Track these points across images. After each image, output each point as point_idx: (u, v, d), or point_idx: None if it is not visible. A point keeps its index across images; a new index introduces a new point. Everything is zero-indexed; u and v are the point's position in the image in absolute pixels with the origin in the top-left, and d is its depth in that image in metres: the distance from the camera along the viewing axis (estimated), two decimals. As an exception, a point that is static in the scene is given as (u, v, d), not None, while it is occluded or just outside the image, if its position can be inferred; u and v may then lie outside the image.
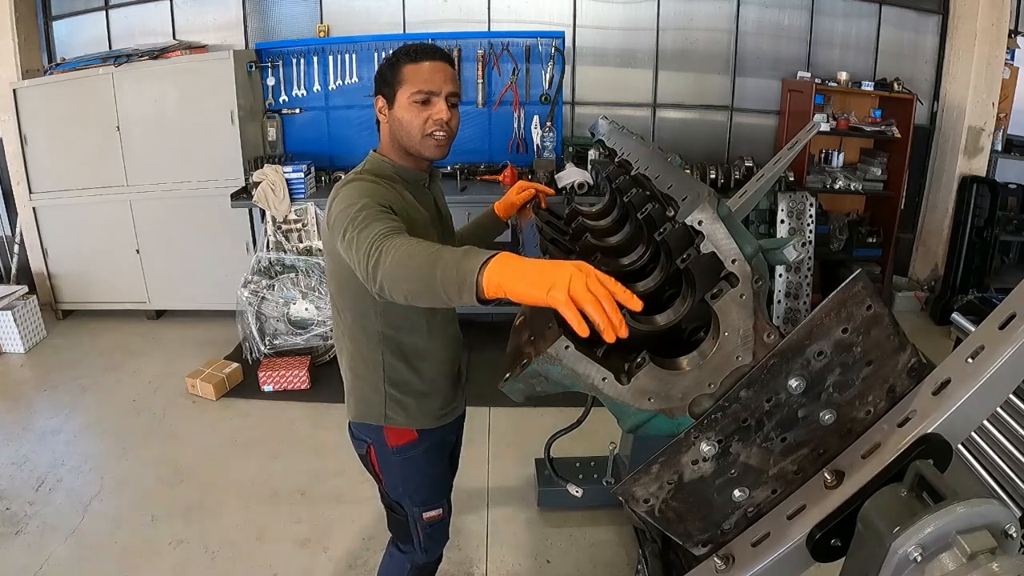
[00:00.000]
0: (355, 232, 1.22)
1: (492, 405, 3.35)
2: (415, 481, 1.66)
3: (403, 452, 1.62)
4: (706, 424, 0.98)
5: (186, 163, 4.19)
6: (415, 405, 1.60)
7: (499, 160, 4.54)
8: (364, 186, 1.39)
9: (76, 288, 4.54)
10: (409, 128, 1.46)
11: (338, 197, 1.37)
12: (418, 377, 1.59)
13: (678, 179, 1.24)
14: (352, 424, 1.66)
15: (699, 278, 1.03)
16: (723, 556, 1.04)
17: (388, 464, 1.64)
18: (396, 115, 1.47)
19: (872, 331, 0.93)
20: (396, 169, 1.51)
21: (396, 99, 1.46)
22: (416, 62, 1.45)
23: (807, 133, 2.59)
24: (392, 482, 1.66)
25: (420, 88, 1.44)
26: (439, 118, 1.46)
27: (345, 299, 1.53)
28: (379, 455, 1.64)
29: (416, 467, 1.65)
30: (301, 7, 4.55)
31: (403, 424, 1.60)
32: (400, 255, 1.09)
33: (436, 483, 1.72)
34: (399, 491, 1.67)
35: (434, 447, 1.67)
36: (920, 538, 0.78)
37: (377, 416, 1.59)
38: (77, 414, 3.43)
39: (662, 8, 4.52)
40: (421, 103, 1.44)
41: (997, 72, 4.41)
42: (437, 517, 1.71)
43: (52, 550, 2.46)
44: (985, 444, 2.07)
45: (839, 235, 4.65)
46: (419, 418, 1.62)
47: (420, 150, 1.49)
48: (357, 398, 1.62)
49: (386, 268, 1.10)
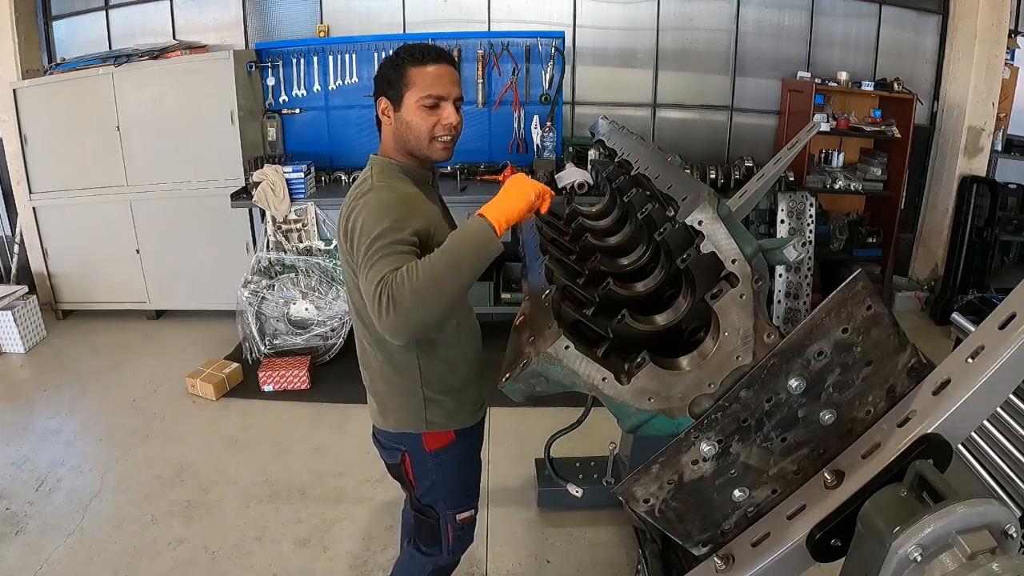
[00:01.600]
0: (365, 271, 1.28)
1: (492, 405, 3.32)
2: (449, 484, 1.66)
3: (440, 455, 1.62)
4: (706, 424, 0.98)
5: (186, 163, 4.19)
6: (454, 404, 1.60)
7: (499, 160, 4.54)
8: (389, 199, 1.38)
9: (76, 288, 4.53)
10: (418, 132, 1.46)
11: (362, 208, 1.36)
12: (453, 374, 1.59)
13: (678, 179, 1.24)
14: (385, 434, 1.64)
15: (699, 278, 1.03)
16: (723, 556, 1.04)
17: (423, 469, 1.63)
18: (404, 118, 1.46)
19: (872, 331, 0.93)
20: (404, 170, 1.51)
21: (403, 102, 1.45)
22: (422, 65, 1.44)
23: (807, 133, 2.59)
24: (426, 487, 1.65)
25: (430, 92, 1.43)
26: (449, 123, 1.47)
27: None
28: (414, 461, 1.63)
29: (451, 470, 1.65)
30: (301, 7, 4.55)
31: (443, 426, 1.60)
32: (418, 284, 1.19)
33: (471, 484, 1.73)
34: (432, 495, 1.66)
35: (470, 447, 1.69)
36: (920, 538, 0.78)
37: (418, 423, 1.58)
38: (77, 414, 3.43)
39: (662, 8, 4.52)
40: (430, 107, 1.44)
41: (997, 72, 4.41)
42: (470, 518, 1.72)
43: (52, 550, 2.46)
44: (985, 444, 2.07)
45: (839, 235, 4.65)
46: (458, 417, 1.62)
47: (428, 153, 1.49)
48: (394, 408, 1.60)
49: (409, 306, 1.19)
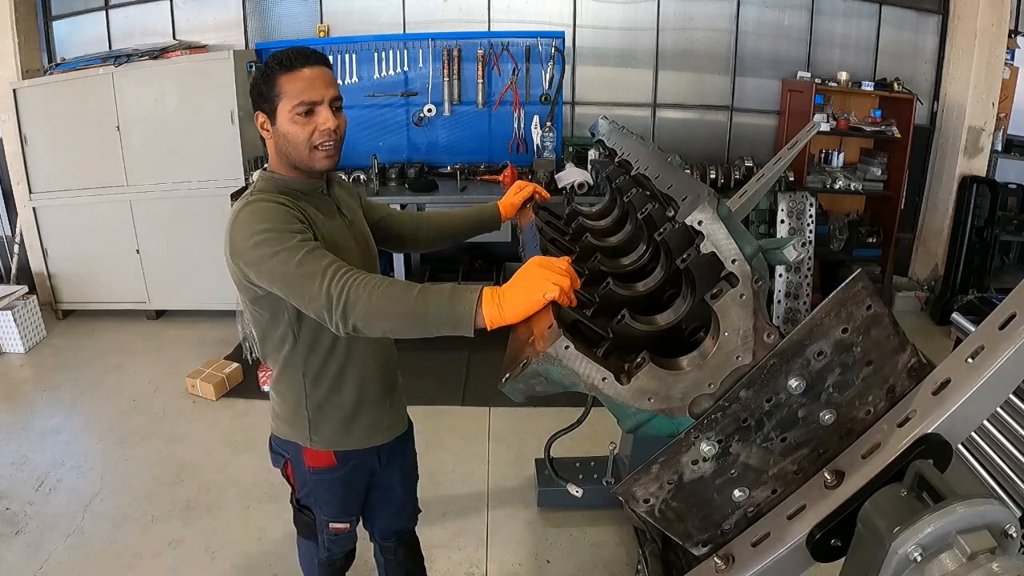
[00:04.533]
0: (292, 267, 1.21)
1: (492, 405, 3.35)
2: (327, 498, 1.65)
3: (319, 474, 1.60)
4: (706, 424, 0.98)
5: (186, 163, 4.19)
6: (339, 427, 1.56)
7: (499, 160, 4.54)
8: (262, 208, 1.31)
9: (76, 288, 4.54)
10: (296, 143, 1.38)
11: (237, 223, 1.31)
12: (340, 398, 1.54)
13: (678, 179, 1.24)
14: (274, 438, 1.64)
15: (699, 278, 1.03)
16: (723, 556, 1.04)
17: (303, 480, 1.63)
18: (280, 131, 1.38)
19: (872, 331, 0.93)
20: (285, 183, 1.43)
21: (277, 114, 1.37)
22: (291, 71, 1.35)
23: (807, 133, 2.59)
24: (304, 492, 1.66)
25: (301, 99, 1.35)
26: (326, 128, 1.38)
27: (263, 325, 1.48)
28: (295, 472, 1.63)
29: (329, 488, 1.63)
30: (301, 7, 4.55)
31: (325, 446, 1.57)
32: (377, 298, 1.15)
33: (349, 503, 1.69)
34: (310, 500, 1.67)
35: (353, 472, 1.63)
36: (920, 538, 0.78)
37: (302, 437, 1.57)
38: (77, 414, 3.43)
39: (662, 8, 4.52)
40: (304, 115, 1.36)
41: (997, 72, 4.41)
42: (343, 530, 1.70)
43: (52, 550, 2.46)
44: (985, 444, 2.07)
45: (839, 235, 4.65)
46: (342, 441, 1.58)
47: (310, 164, 1.40)
48: (283, 418, 1.59)
49: (361, 311, 1.15)
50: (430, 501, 2.71)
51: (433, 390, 3.54)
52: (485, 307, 1.11)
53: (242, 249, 1.28)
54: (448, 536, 2.54)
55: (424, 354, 3.99)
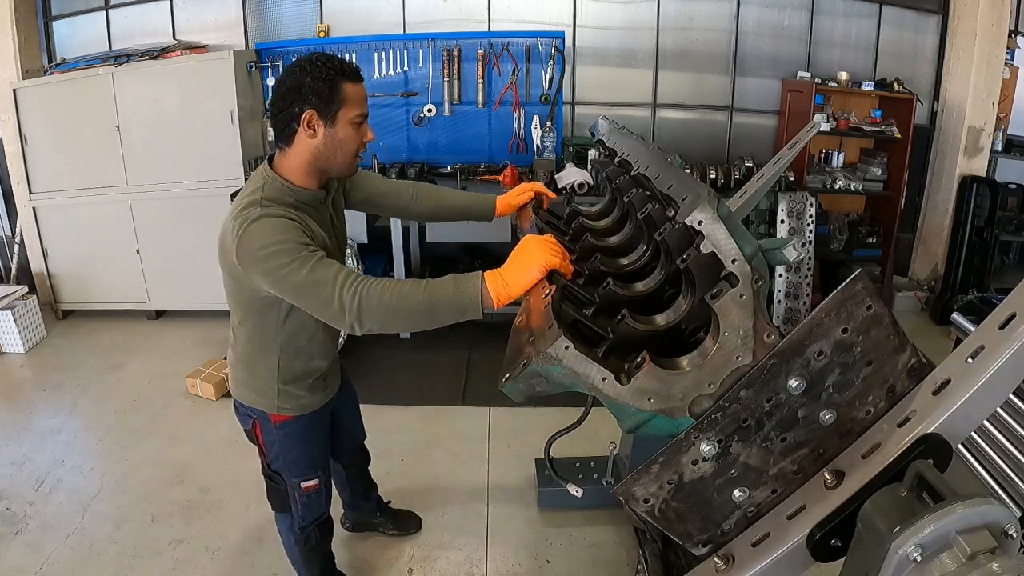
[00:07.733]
0: (304, 275, 1.31)
1: (492, 405, 3.35)
2: (294, 454, 1.78)
3: (285, 427, 1.74)
4: (706, 424, 0.98)
5: (186, 163, 4.19)
6: (306, 394, 1.73)
7: (499, 160, 4.53)
8: (275, 223, 1.37)
9: (76, 288, 4.53)
10: (348, 149, 1.49)
11: (248, 233, 1.36)
12: (310, 369, 1.71)
13: (678, 179, 1.24)
14: (239, 403, 1.76)
15: (699, 278, 1.03)
16: (723, 556, 1.04)
17: (271, 438, 1.76)
18: (338, 135, 1.46)
19: (872, 331, 0.93)
20: (294, 194, 1.48)
21: (337, 118, 1.44)
22: (353, 81, 1.46)
23: (807, 133, 2.59)
24: (274, 454, 1.78)
25: (360, 111, 1.47)
26: (369, 139, 1.53)
27: (247, 314, 1.60)
28: (264, 430, 1.76)
29: (295, 440, 1.77)
30: (301, 7, 4.55)
31: (291, 411, 1.72)
32: (388, 300, 1.27)
33: (314, 455, 1.83)
34: (279, 463, 1.79)
35: (314, 420, 1.79)
36: (920, 538, 0.78)
37: (270, 407, 1.71)
38: (77, 414, 3.43)
39: (662, 8, 4.52)
40: (358, 125, 1.48)
41: (997, 72, 4.41)
42: (314, 487, 1.83)
43: (52, 550, 2.46)
44: (985, 444, 2.07)
45: (839, 235, 4.65)
46: (307, 404, 1.75)
47: (346, 169, 1.54)
48: (251, 388, 1.71)
49: (375, 314, 1.28)
50: (430, 501, 2.71)
51: (433, 390, 3.53)
52: (491, 285, 1.22)
53: (256, 259, 1.36)
54: (448, 536, 2.54)
55: (424, 354, 4.00)
